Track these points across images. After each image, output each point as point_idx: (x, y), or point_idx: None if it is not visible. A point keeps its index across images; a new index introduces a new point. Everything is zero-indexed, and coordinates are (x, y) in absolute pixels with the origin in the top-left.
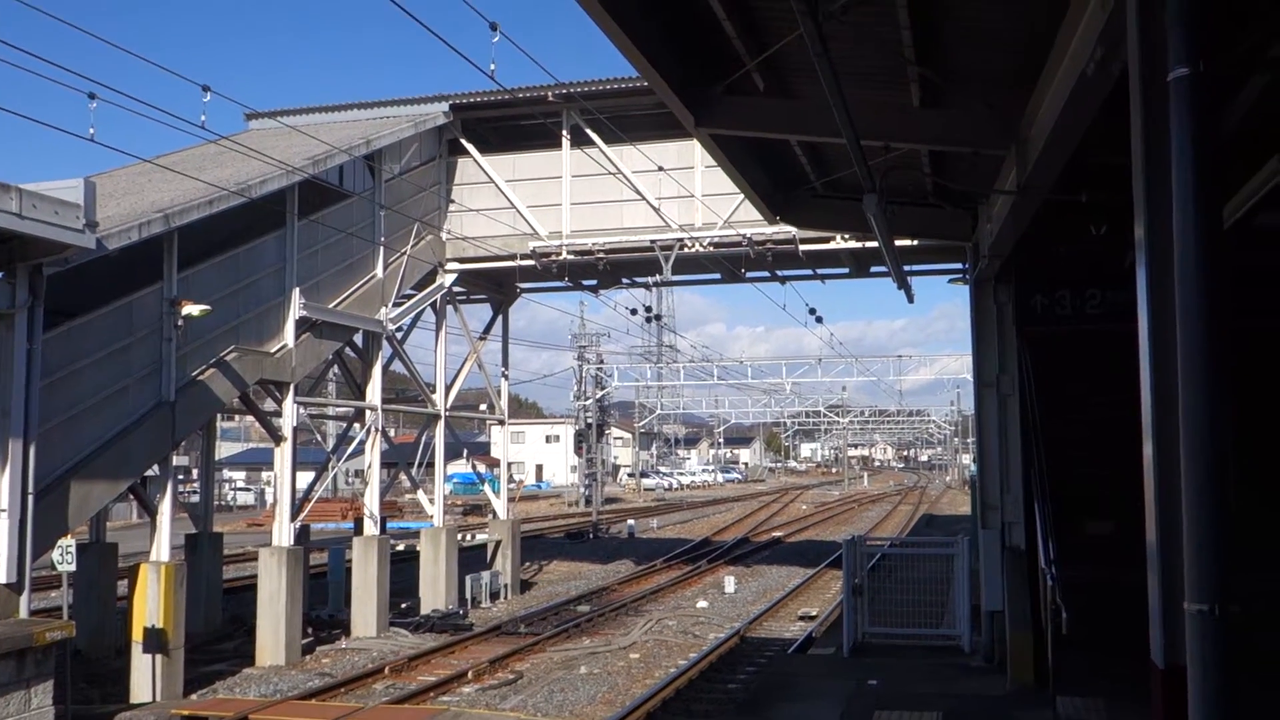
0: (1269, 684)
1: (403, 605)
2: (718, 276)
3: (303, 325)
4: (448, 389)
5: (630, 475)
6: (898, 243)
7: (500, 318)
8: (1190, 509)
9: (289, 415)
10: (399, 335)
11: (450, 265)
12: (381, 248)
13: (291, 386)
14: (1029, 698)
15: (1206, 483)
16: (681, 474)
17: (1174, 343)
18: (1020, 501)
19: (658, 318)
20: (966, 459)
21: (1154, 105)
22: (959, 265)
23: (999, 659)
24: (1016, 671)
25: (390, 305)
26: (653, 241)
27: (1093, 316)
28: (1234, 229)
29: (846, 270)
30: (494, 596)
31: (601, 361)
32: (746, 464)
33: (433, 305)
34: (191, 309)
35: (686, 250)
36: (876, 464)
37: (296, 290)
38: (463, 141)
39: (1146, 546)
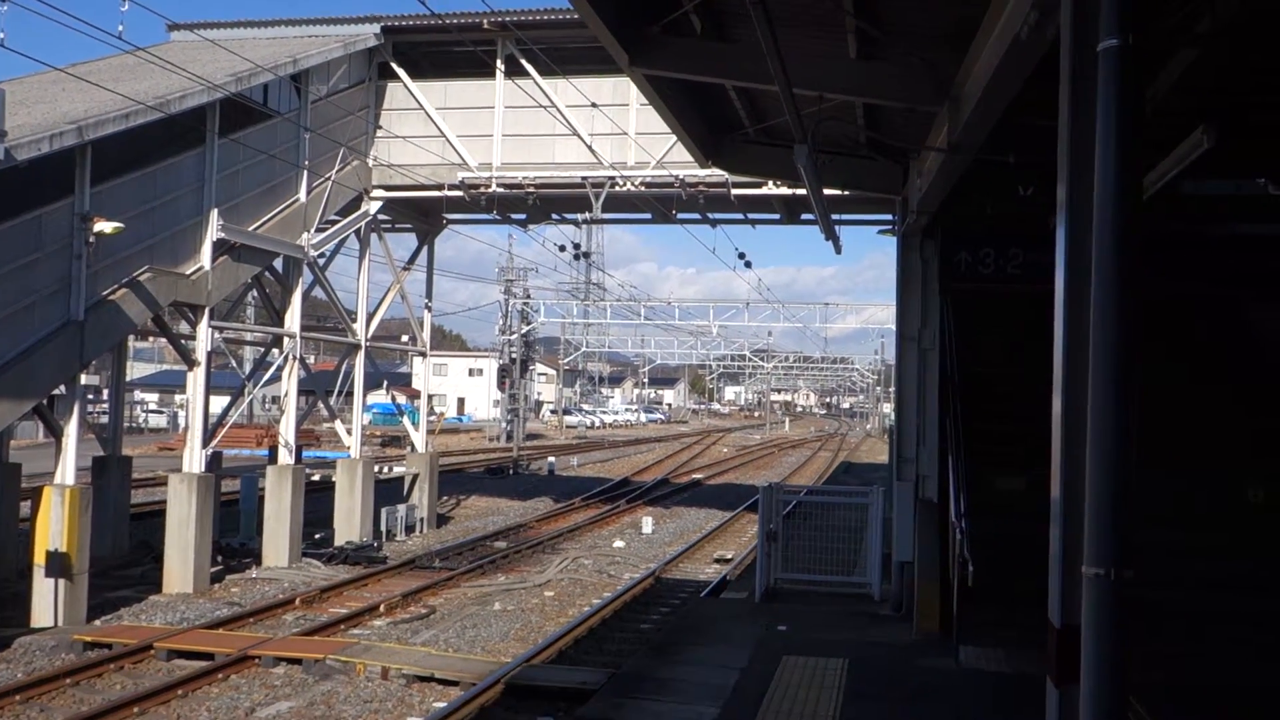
0: (1155, 634)
1: (316, 536)
2: (649, 217)
3: (221, 248)
4: (369, 318)
5: (553, 412)
6: (829, 192)
7: (426, 248)
8: (1093, 471)
9: (204, 339)
10: (321, 262)
11: (376, 193)
12: (306, 171)
13: (207, 310)
14: (933, 646)
15: (1110, 446)
16: (605, 413)
17: (1088, 303)
18: (935, 455)
19: (586, 255)
20: (887, 408)
21: (1082, 73)
22: (889, 217)
23: (907, 608)
24: (923, 620)
25: (313, 231)
26: (584, 178)
27: (1014, 276)
28: (1159, 196)
29: (778, 216)
30: (409, 530)
31: (528, 296)
32: (670, 405)
33: (357, 233)
34: (104, 226)
35: (618, 189)
36: (799, 410)
37: (215, 211)
38: (393, 66)
39: (1050, 505)
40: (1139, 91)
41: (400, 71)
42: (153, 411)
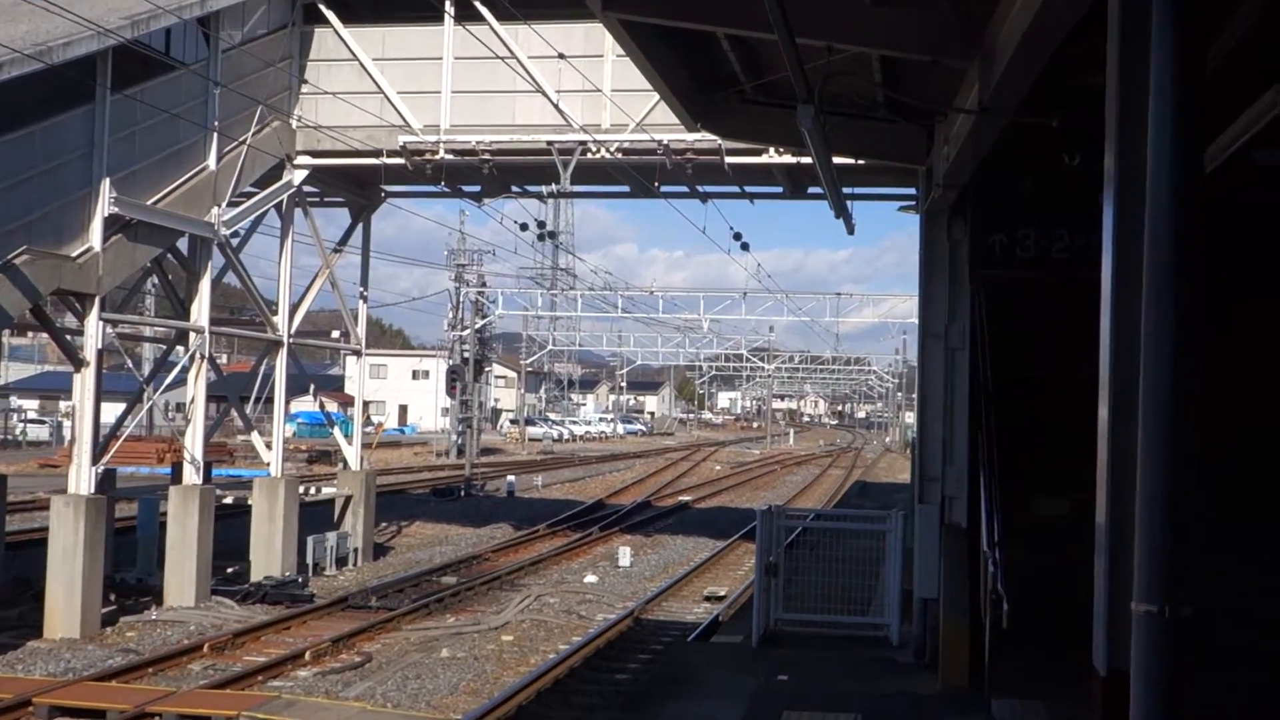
0: (1230, 685)
1: (229, 570)
2: (627, 189)
3: (113, 225)
4: (293, 310)
5: (513, 422)
6: (839, 161)
7: (361, 226)
8: (1145, 491)
9: (93, 335)
10: (235, 243)
11: (301, 159)
12: (216, 134)
13: (97, 300)
14: (961, 699)
15: (1165, 463)
16: (575, 423)
17: (1139, 294)
18: (965, 473)
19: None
20: (910, 418)
21: (1135, 23)
22: (911, 191)
23: (930, 654)
24: (949, 669)
25: (225, 205)
26: (550, 143)
27: (1058, 262)
28: (1225, 167)
29: (780, 190)
30: (341, 563)
31: (484, 284)
32: (653, 414)
33: (278, 207)
34: None
35: (590, 156)
36: (806, 419)
37: (107, 181)
38: (321, 8)
39: (1095, 532)
40: (1200, 45)
41: (330, 15)
42: (32, 421)
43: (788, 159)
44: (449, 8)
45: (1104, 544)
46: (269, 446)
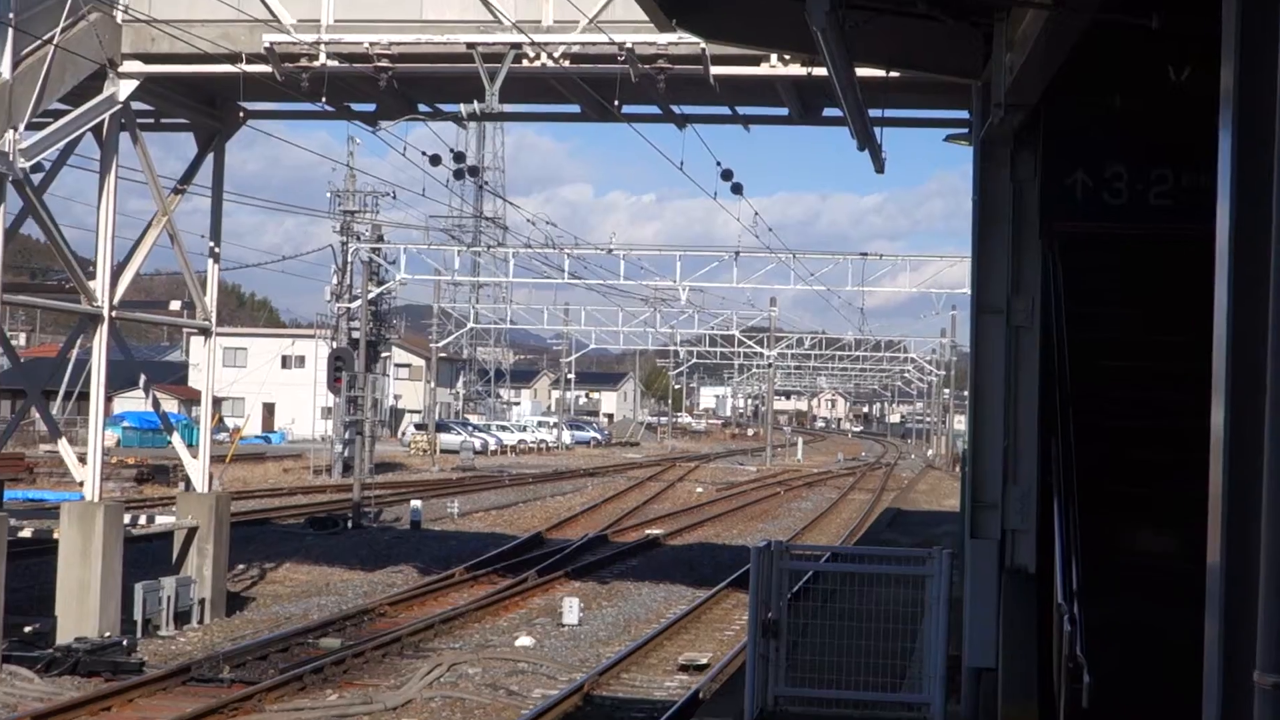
0: None
1: (26, 629)
2: (577, 110)
3: None
4: (118, 272)
5: (419, 428)
6: (865, 73)
7: (212, 158)
8: (1276, 525)
9: None
10: (36, 179)
11: (129, 65)
12: (10, 30)
13: None
14: None
15: None
16: (505, 428)
17: (1266, 255)
18: (1033, 498)
19: (474, 172)
20: (960, 423)
21: None
22: (962, 114)
23: None
24: None
25: (23, 128)
26: (471, 46)
27: (1159, 210)
28: None
29: (785, 112)
30: (182, 619)
31: (380, 239)
32: (611, 417)
33: (96, 132)
34: None
35: (527, 64)
36: (820, 424)
37: None
38: None
39: (1207, 579)
40: None
41: None
42: None
43: (795, 70)
44: None
45: (1218, 595)
46: (83, 460)
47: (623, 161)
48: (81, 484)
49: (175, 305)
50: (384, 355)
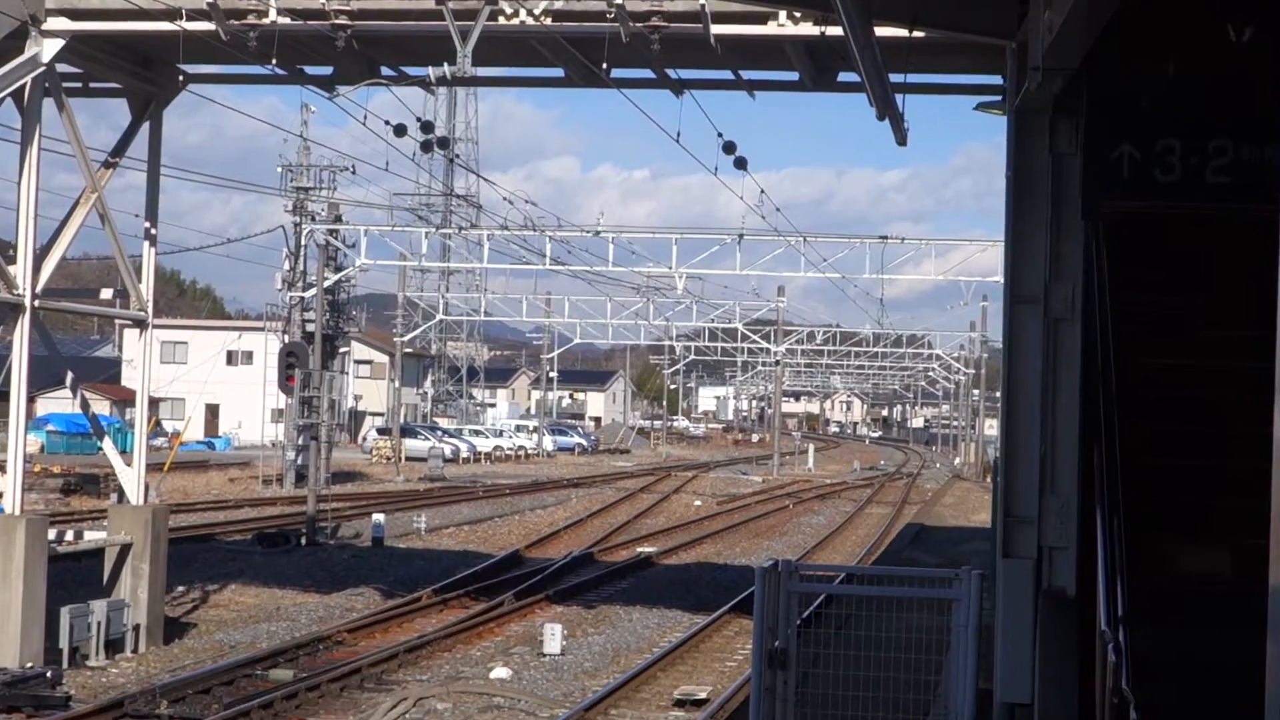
0: None
1: None
2: (561, 74)
3: None
4: (41, 256)
5: (382, 432)
6: (885, 33)
7: (148, 128)
8: None
9: None
10: None
11: (54, 22)
12: None
13: None
14: None
15: None
16: (479, 433)
17: None
18: (1073, 511)
19: (445, 144)
20: (992, 428)
21: None
22: (995, 80)
23: None
24: None
25: None
26: (441, 1)
27: (1219, 188)
28: None
29: (795, 77)
30: (114, 647)
31: (339, 219)
32: (598, 420)
33: (16, 98)
34: None
35: (504, 22)
36: (834, 429)
37: None
38: None
39: (1269, 601)
40: None
41: None
42: None
43: (807, 29)
44: None
45: None
46: (1, 469)
47: (612, 133)
48: (0, 495)
49: (106, 294)
50: (342, 351)
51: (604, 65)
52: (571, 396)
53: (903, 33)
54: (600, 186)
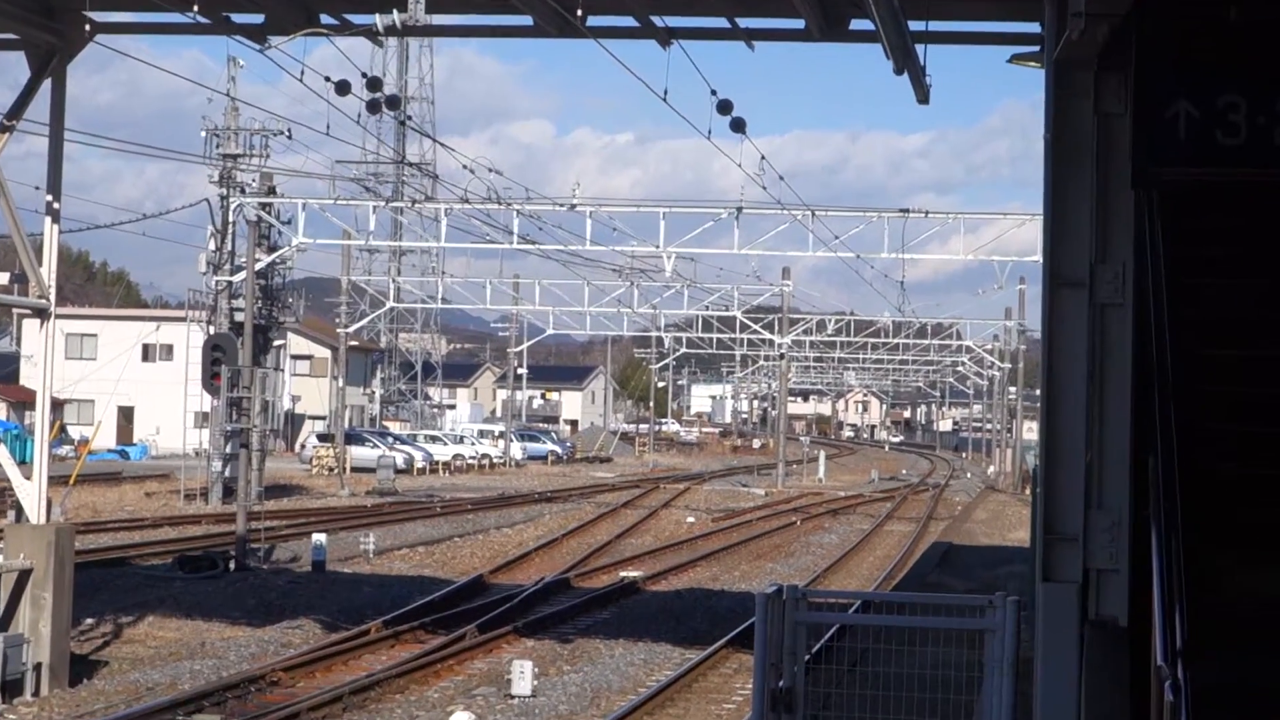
0: None
1: None
2: (529, 22)
3: None
4: None
5: (323, 438)
6: None
7: (50, 85)
8: None
9: None
10: None
11: None
12: None
13: None
14: None
15: None
16: (436, 439)
17: None
18: (1124, 527)
19: (394, 103)
20: (1031, 432)
21: None
22: (1032, 28)
23: None
24: None
25: None
26: None
27: None
28: None
29: (801, 24)
30: (11, 689)
31: (272, 190)
32: (574, 424)
33: None
34: None
35: None
36: (848, 433)
37: None
38: None
39: None
40: None
41: None
42: None
43: None
44: None
45: None
46: None
47: (590, 91)
48: None
49: (2, 279)
50: (277, 344)
51: (579, 11)
52: (543, 396)
53: None
54: (576, 153)
